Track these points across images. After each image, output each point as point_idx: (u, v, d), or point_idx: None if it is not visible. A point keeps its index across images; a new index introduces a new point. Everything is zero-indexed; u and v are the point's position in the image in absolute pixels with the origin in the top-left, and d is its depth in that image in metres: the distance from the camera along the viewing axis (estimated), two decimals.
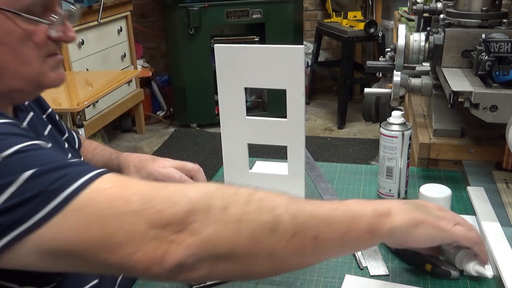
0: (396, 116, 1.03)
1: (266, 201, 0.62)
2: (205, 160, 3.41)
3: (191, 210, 0.58)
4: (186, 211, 0.57)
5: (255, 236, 0.59)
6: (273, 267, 0.63)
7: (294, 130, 0.96)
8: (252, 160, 1.20)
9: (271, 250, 0.60)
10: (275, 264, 0.62)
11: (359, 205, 0.68)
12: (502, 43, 0.98)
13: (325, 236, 0.63)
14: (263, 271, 0.64)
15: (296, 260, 0.64)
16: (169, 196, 0.59)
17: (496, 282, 0.80)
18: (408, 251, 0.85)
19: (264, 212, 0.60)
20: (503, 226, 0.91)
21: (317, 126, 4.02)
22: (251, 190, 0.63)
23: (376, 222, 0.66)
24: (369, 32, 3.72)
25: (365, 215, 0.66)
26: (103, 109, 3.28)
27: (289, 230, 0.61)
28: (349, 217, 0.65)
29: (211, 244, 0.58)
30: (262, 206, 0.61)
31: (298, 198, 0.66)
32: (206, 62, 3.84)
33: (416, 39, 1.16)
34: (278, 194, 0.64)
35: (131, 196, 0.58)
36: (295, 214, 0.62)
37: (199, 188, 0.62)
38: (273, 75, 0.93)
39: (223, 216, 0.58)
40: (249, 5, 3.80)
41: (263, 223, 0.59)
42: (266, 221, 0.60)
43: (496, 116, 0.95)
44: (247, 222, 0.59)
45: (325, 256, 0.69)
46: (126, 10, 3.70)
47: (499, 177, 1.09)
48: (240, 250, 0.59)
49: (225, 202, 0.59)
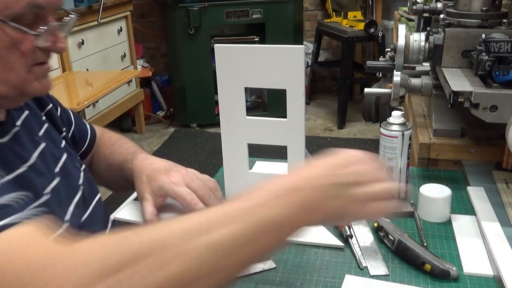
0: (396, 116, 1.03)
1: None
2: (205, 160, 3.41)
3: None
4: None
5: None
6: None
7: (294, 130, 0.96)
8: (252, 160, 1.20)
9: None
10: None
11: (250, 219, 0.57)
12: (502, 43, 0.98)
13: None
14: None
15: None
16: (61, 274, 0.51)
17: (496, 282, 0.80)
18: (408, 251, 0.86)
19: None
20: (503, 226, 0.91)
21: (317, 126, 4.02)
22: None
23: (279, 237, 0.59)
24: (369, 32, 3.72)
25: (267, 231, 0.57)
26: (103, 109, 3.28)
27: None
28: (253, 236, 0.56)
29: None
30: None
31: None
32: (206, 62, 3.84)
33: (416, 39, 1.16)
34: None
35: (33, 264, 0.53)
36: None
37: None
38: (273, 75, 0.93)
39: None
40: (249, 5, 3.80)
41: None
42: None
43: (496, 116, 0.95)
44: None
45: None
46: (126, 10, 3.70)
47: (499, 177, 1.09)
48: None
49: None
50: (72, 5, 3.06)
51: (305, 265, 0.87)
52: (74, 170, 0.88)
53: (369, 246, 0.91)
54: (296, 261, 0.89)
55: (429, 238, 0.93)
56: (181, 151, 3.58)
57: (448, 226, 0.97)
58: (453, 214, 0.99)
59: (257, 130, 0.99)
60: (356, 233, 0.95)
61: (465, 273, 0.83)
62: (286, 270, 0.86)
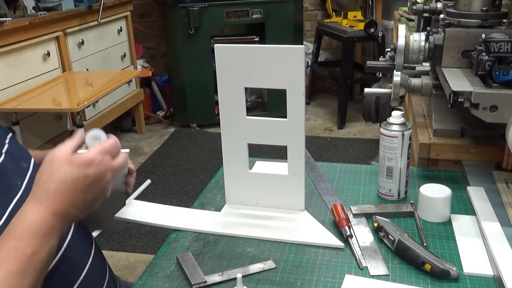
0: (396, 116, 1.03)
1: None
2: (205, 160, 3.41)
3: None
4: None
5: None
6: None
7: (294, 130, 0.96)
8: (252, 160, 1.20)
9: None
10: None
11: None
12: (502, 43, 0.98)
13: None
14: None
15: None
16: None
17: (496, 282, 0.80)
18: (408, 251, 0.86)
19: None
20: (503, 226, 0.91)
21: (317, 126, 4.02)
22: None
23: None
24: (369, 32, 3.72)
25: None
26: (103, 109, 3.28)
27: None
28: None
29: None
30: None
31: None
32: (206, 62, 3.84)
33: (416, 39, 1.16)
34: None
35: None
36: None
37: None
38: (273, 75, 0.93)
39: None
40: (249, 5, 3.80)
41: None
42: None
43: (496, 116, 0.95)
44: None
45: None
46: (126, 10, 3.70)
47: (499, 177, 1.09)
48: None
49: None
50: (72, 5, 3.06)
51: (305, 265, 0.87)
52: (16, 171, 0.84)
53: (369, 246, 0.92)
54: (296, 261, 0.89)
55: (429, 238, 0.93)
56: (181, 151, 3.58)
57: (448, 226, 0.97)
58: (453, 214, 0.99)
59: (257, 130, 0.99)
60: (356, 233, 0.95)
61: (465, 273, 0.83)
62: (286, 270, 0.87)
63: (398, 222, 0.97)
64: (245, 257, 0.91)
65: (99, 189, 0.76)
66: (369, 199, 1.09)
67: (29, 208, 0.71)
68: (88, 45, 3.24)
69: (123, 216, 1.02)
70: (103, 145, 0.78)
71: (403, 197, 1.08)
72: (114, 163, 0.79)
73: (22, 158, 0.88)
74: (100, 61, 3.40)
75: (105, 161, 0.77)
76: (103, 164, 0.76)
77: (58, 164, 0.74)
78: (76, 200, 0.73)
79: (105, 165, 0.76)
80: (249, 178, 1.03)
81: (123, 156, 0.82)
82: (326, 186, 1.14)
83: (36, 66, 2.74)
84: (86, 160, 0.74)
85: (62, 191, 0.72)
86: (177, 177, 3.19)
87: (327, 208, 1.05)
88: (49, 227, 0.70)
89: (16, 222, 0.70)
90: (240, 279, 0.77)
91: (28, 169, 0.87)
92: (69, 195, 0.73)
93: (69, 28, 3.00)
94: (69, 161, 0.74)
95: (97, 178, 0.75)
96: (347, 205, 1.04)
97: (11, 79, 2.55)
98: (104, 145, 0.78)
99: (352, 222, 0.99)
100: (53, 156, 0.75)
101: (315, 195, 1.11)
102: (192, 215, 1.05)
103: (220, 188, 1.15)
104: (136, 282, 0.86)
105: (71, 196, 0.73)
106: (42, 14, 2.73)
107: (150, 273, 0.88)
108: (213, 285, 0.83)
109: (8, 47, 2.50)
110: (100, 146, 0.78)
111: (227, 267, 0.88)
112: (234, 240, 0.96)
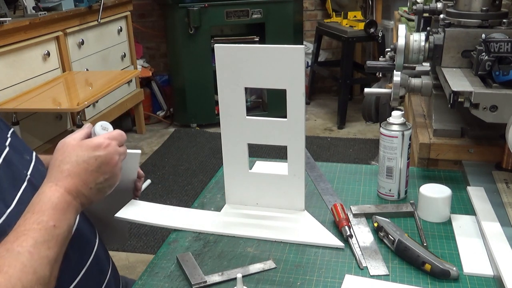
0: (396, 116, 1.03)
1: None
2: (205, 160, 3.41)
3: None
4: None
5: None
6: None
7: (294, 130, 0.96)
8: (252, 160, 1.20)
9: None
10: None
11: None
12: (502, 43, 0.98)
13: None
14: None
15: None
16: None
17: (496, 282, 0.80)
18: (408, 251, 0.86)
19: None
20: (503, 226, 0.91)
21: (317, 126, 4.02)
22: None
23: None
24: (369, 32, 3.72)
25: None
26: (103, 109, 3.28)
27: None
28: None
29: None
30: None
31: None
32: (206, 62, 3.84)
33: (416, 39, 1.16)
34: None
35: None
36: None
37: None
38: (273, 75, 0.93)
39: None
40: (249, 5, 3.80)
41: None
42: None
43: (496, 116, 0.95)
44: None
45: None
46: (126, 10, 3.70)
47: (499, 177, 1.09)
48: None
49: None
50: (72, 5, 3.06)
51: (305, 265, 0.87)
52: (21, 162, 0.89)
53: (369, 246, 0.92)
54: (296, 261, 0.89)
55: (429, 238, 0.93)
56: (181, 151, 3.58)
57: (448, 226, 0.97)
58: (453, 214, 0.99)
59: (257, 130, 0.99)
60: (356, 233, 0.95)
61: (465, 273, 0.83)
62: (286, 270, 0.87)
63: (398, 222, 0.97)
64: (245, 257, 0.91)
65: (108, 170, 0.83)
66: (369, 199, 1.09)
67: (46, 188, 0.78)
68: (88, 45, 3.24)
69: (123, 216, 1.02)
70: (111, 133, 0.87)
71: (403, 197, 1.08)
72: (121, 148, 0.86)
73: (25, 151, 0.93)
74: (100, 61, 3.40)
75: (112, 144, 0.84)
76: (110, 147, 0.83)
77: (70, 149, 0.82)
78: (87, 180, 0.81)
79: (112, 148, 0.84)
80: (249, 178, 1.03)
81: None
82: (326, 186, 1.14)
83: (36, 66, 2.74)
84: (95, 144, 0.83)
85: (75, 171, 0.80)
86: (177, 177, 3.19)
87: (327, 208, 1.05)
88: (65, 203, 0.77)
89: (36, 200, 0.76)
90: (240, 279, 0.77)
91: (31, 161, 0.92)
92: (81, 176, 0.80)
93: (69, 28, 3.00)
94: (80, 145, 0.82)
95: (106, 159, 0.82)
96: (347, 205, 1.04)
97: (11, 79, 2.55)
98: (112, 133, 0.87)
99: (352, 222, 0.99)
100: (65, 142, 0.83)
101: (315, 195, 1.11)
102: (192, 215, 1.05)
103: (220, 188, 1.15)
104: (136, 282, 0.86)
105: (83, 176, 0.80)
106: (42, 14, 2.73)
107: (150, 273, 0.88)
108: (213, 285, 0.83)
109: (8, 47, 2.50)
110: (108, 134, 0.87)
111: (227, 267, 0.88)
112: (234, 240, 0.96)
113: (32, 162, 0.92)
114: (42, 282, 0.69)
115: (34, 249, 0.70)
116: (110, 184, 0.85)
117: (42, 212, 0.74)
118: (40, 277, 0.69)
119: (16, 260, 0.68)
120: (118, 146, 0.86)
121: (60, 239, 0.74)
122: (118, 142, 0.86)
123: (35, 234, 0.71)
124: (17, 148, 0.90)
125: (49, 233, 0.73)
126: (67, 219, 0.77)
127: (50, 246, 0.72)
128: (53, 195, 0.77)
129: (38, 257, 0.70)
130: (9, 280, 0.65)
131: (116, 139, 0.86)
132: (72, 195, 0.79)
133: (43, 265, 0.70)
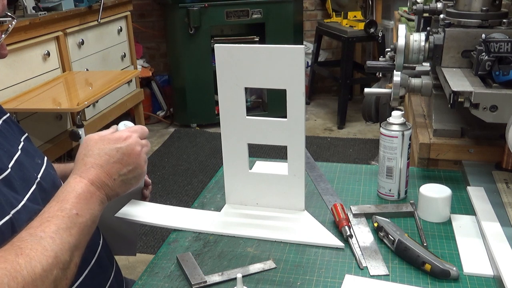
0: (396, 116, 1.03)
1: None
2: (205, 160, 3.41)
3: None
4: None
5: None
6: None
7: (294, 130, 0.96)
8: (252, 160, 1.20)
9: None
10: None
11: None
12: (502, 43, 0.98)
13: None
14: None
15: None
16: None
17: (496, 282, 0.80)
18: (408, 251, 0.86)
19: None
20: (503, 226, 0.91)
21: (317, 126, 4.02)
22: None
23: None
24: (369, 32, 3.72)
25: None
26: (103, 109, 3.28)
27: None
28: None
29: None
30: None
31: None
32: (206, 62, 3.84)
33: (416, 39, 1.16)
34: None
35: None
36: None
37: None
38: (273, 75, 0.93)
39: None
40: (249, 5, 3.80)
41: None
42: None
43: (496, 116, 0.95)
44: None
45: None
46: (126, 10, 3.70)
47: (499, 177, 1.09)
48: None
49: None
50: (72, 5, 3.06)
51: (305, 265, 0.87)
52: (32, 165, 0.91)
53: (369, 246, 0.92)
54: (296, 261, 0.89)
55: (429, 238, 0.93)
56: (181, 151, 3.58)
57: (448, 226, 0.97)
58: (453, 214, 0.99)
59: (257, 130, 0.99)
60: (356, 233, 0.95)
61: (465, 273, 0.83)
62: (286, 270, 0.87)
63: (398, 222, 0.97)
64: (245, 257, 0.91)
65: (132, 162, 0.87)
66: (369, 199, 1.09)
67: (71, 180, 0.82)
68: (88, 45, 3.24)
69: (123, 216, 1.02)
70: (132, 127, 0.93)
71: (403, 197, 1.08)
72: (143, 140, 0.91)
73: (36, 155, 0.95)
74: (100, 61, 3.39)
75: (133, 136, 0.89)
76: (131, 138, 0.88)
77: (92, 143, 0.87)
78: (110, 171, 0.85)
79: (133, 139, 0.88)
80: (249, 178, 1.03)
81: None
82: (326, 186, 1.14)
83: (36, 66, 2.74)
84: (116, 137, 0.88)
85: (97, 163, 0.84)
86: (177, 177, 3.19)
87: (327, 208, 1.05)
88: (89, 193, 0.81)
89: (61, 191, 0.80)
90: (240, 279, 0.77)
91: (42, 165, 0.95)
92: (103, 167, 0.84)
93: (69, 28, 3.00)
94: (102, 139, 0.87)
95: (128, 150, 0.87)
96: (347, 205, 1.04)
97: (11, 79, 2.55)
98: (133, 127, 0.93)
99: (352, 222, 0.99)
100: (88, 138, 0.89)
101: (315, 195, 1.11)
102: (192, 215, 1.05)
103: (220, 188, 1.15)
104: (136, 282, 0.86)
105: (105, 167, 0.84)
106: (42, 14, 2.73)
107: (150, 273, 0.88)
108: (213, 285, 0.83)
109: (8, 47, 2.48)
110: (128, 128, 0.92)
111: (227, 267, 0.88)
112: (234, 240, 0.96)
113: (43, 166, 0.94)
114: (62, 267, 0.71)
115: (56, 235, 0.72)
116: (135, 175, 0.88)
117: (66, 200, 0.77)
118: (60, 261, 0.70)
119: (38, 244, 0.69)
120: (140, 139, 0.89)
121: (82, 227, 0.77)
122: (139, 134, 0.90)
123: (58, 221, 0.74)
124: (29, 152, 0.93)
125: (71, 221, 0.75)
126: (90, 209, 0.80)
127: (72, 233, 0.74)
128: (77, 185, 0.80)
129: (59, 242, 0.72)
130: (29, 262, 0.67)
131: (137, 132, 0.90)
132: (95, 185, 0.82)
133: (64, 251, 0.72)
